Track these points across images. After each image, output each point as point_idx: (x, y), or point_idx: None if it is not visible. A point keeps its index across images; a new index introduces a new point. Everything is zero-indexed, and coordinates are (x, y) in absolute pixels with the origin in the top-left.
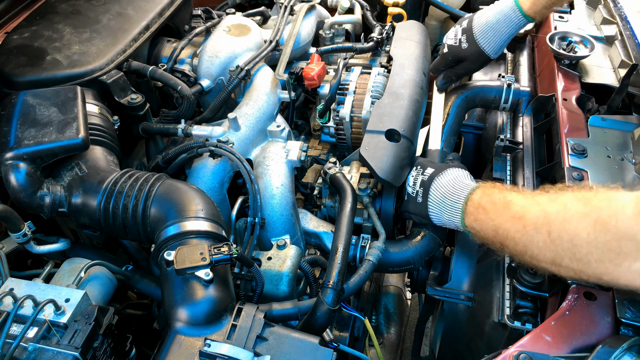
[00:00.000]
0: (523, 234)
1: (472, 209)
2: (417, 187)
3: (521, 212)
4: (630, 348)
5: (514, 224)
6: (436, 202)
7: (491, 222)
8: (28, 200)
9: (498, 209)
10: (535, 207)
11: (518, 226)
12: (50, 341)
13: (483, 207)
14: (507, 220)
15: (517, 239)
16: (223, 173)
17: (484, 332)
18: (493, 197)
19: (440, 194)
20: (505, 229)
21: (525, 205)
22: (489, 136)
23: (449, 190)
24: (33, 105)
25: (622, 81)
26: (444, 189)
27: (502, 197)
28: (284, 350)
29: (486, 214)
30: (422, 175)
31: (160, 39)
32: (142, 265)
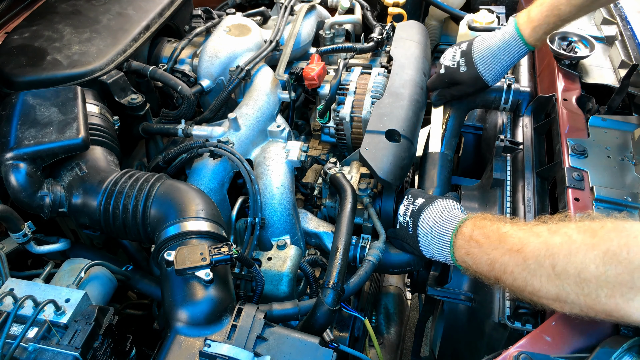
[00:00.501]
0: (523, 268)
1: (463, 243)
2: (407, 218)
3: (519, 244)
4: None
5: (512, 257)
6: (425, 234)
7: (486, 256)
8: (28, 200)
9: (492, 242)
10: (534, 239)
11: (517, 260)
12: (51, 341)
13: (475, 240)
14: (504, 253)
15: (516, 273)
16: (223, 173)
17: (484, 332)
18: (486, 229)
19: (428, 225)
20: (503, 263)
21: (523, 237)
22: (489, 136)
23: (437, 222)
24: (33, 105)
25: (622, 81)
26: (432, 221)
27: (496, 229)
28: (284, 351)
29: (479, 248)
30: (413, 205)
31: (161, 39)
32: (142, 265)
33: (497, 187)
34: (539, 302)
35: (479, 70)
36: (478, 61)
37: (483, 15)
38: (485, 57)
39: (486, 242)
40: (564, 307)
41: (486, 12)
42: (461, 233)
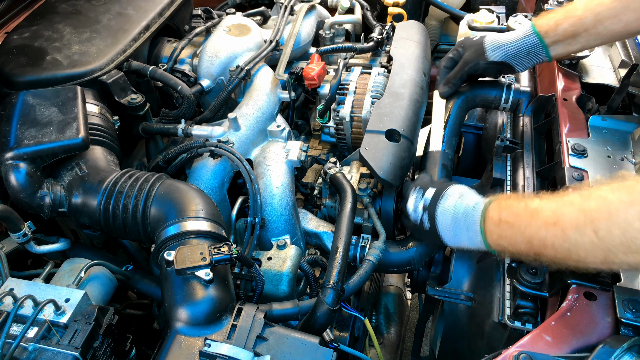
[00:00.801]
0: (564, 239)
1: (493, 227)
2: (420, 213)
3: (554, 217)
4: (630, 348)
5: (549, 231)
6: (447, 226)
7: (521, 235)
8: (28, 200)
9: (524, 220)
10: (569, 209)
11: (555, 232)
12: (50, 341)
13: (506, 221)
14: (540, 228)
15: (557, 246)
16: (223, 173)
17: (484, 332)
18: (514, 208)
19: (450, 217)
20: (541, 239)
21: (556, 209)
22: (489, 136)
23: (459, 213)
24: (33, 105)
25: (622, 81)
26: (452, 212)
27: (525, 206)
28: (284, 350)
29: (512, 228)
30: (423, 199)
31: (161, 39)
32: (142, 265)
33: (497, 186)
34: (586, 267)
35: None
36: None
37: (483, 15)
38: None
39: (517, 221)
40: (613, 267)
41: (486, 12)
42: (489, 218)
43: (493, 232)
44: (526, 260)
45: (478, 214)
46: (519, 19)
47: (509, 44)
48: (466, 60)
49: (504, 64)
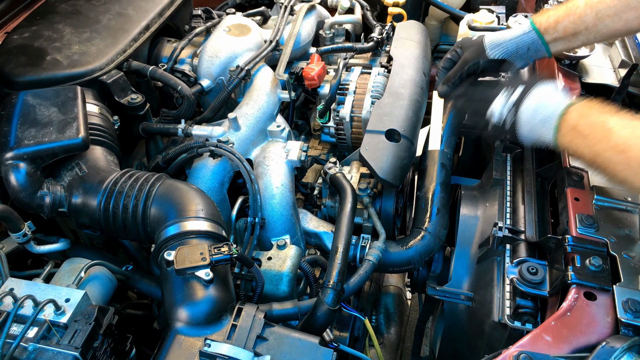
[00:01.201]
0: (625, 167)
1: (567, 131)
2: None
3: (623, 145)
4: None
5: (615, 155)
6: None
7: (588, 148)
8: (28, 200)
9: (597, 136)
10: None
11: (620, 159)
12: (51, 341)
13: (579, 130)
14: (607, 150)
15: (617, 171)
16: (223, 173)
17: (484, 332)
18: (591, 119)
19: (531, 112)
20: (606, 159)
21: (628, 138)
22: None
23: (540, 107)
24: (33, 105)
25: (622, 81)
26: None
27: (602, 123)
28: (284, 350)
29: (583, 139)
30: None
31: (161, 39)
32: (142, 265)
33: (497, 186)
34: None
35: None
36: None
37: (483, 15)
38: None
39: (590, 134)
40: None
41: (486, 12)
42: (566, 121)
43: (565, 134)
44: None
45: (557, 113)
46: (519, 19)
47: (508, 41)
48: (466, 60)
49: (504, 62)
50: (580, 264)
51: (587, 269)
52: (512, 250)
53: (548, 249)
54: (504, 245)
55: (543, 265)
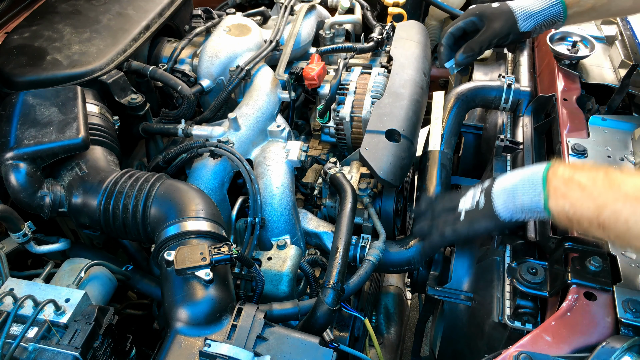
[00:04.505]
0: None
1: (560, 184)
2: (478, 196)
3: (637, 192)
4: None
5: (628, 205)
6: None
7: (592, 201)
8: (28, 200)
9: (601, 187)
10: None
11: (636, 208)
12: (51, 341)
13: (578, 182)
14: (618, 200)
15: (631, 222)
16: (223, 173)
17: (484, 332)
18: (589, 172)
19: (507, 181)
20: (616, 211)
21: None
22: (489, 136)
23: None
24: (33, 105)
25: (622, 81)
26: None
27: (604, 175)
28: (284, 350)
29: (582, 191)
30: (482, 185)
31: (161, 39)
32: (142, 265)
33: None
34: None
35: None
36: None
37: None
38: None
39: (592, 185)
40: None
41: None
42: (556, 174)
43: (558, 189)
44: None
45: (542, 168)
46: None
47: (538, 13)
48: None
49: (527, 33)
50: (580, 264)
51: (587, 269)
52: (512, 250)
53: (548, 249)
54: (504, 245)
55: (543, 265)
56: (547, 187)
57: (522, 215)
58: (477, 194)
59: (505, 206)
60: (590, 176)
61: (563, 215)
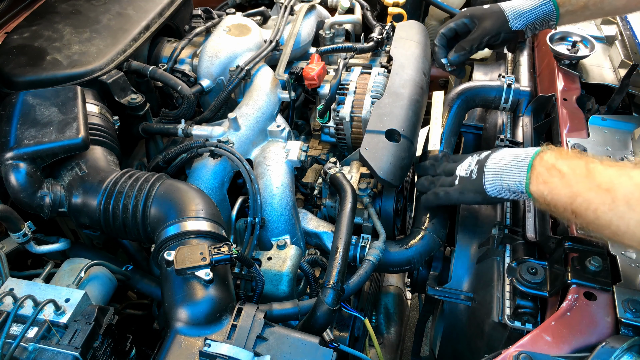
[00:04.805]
0: (610, 208)
1: (543, 170)
2: (473, 166)
3: (609, 183)
4: (630, 348)
5: (599, 195)
6: (494, 169)
7: (568, 188)
8: (28, 200)
9: (578, 175)
10: (627, 181)
11: (604, 199)
12: (50, 341)
13: (559, 170)
14: (590, 189)
15: (600, 212)
16: (223, 173)
17: (484, 332)
18: (571, 161)
19: (499, 160)
20: (587, 200)
21: (614, 176)
22: (489, 136)
23: (510, 155)
24: (33, 105)
25: (622, 81)
26: (503, 156)
27: (584, 164)
28: (284, 350)
29: (561, 178)
30: (479, 156)
31: (160, 39)
32: (142, 265)
33: None
34: (618, 242)
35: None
36: None
37: None
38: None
39: (571, 173)
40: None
41: None
42: (542, 159)
43: (540, 174)
44: (555, 215)
45: (532, 153)
46: None
47: (529, 12)
48: (486, 31)
49: (520, 32)
50: (580, 264)
51: (587, 269)
52: (512, 250)
53: (548, 249)
54: (504, 245)
55: (543, 265)
56: (531, 172)
57: (507, 194)
58: (472, 164)
59: (493, 185)
60: (572, 164)
61: (542, 200)
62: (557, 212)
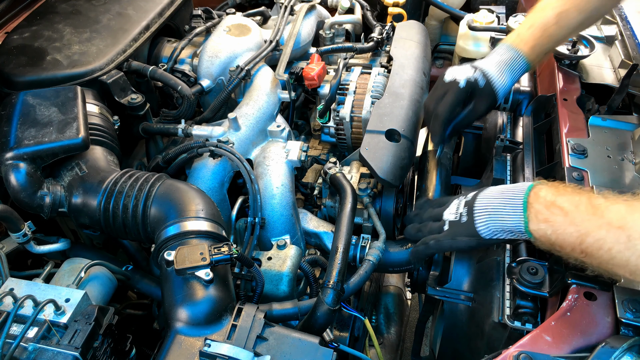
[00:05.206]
0: (627, 247)
1: (542, 208)
2: (461, 209)
3: (621, 220)
4: (630, 348)
5: (611, 233)
6: (485, 209)
7: (574, 227)
8: (28, 200)
9: (583, 213)
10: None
11: (619, 237)
12: (50, 341)
13: (560, 207)
14: (600, 227)
15: (614, 251)
16: (223, 173)
17: (484, 332)
18: (571, 197)
19: (489, 200)
20: (598, 239)
21: (625, 213)
22: (489, 136)
23: (500, 193)
24: (33, 105)
25: (622, 81)
26: (491, 194)
27: (586, 200)
28: (284, 350)
29: (565, 216)
30: (465, 197)
31: (161, 39)
32: (142, 265)
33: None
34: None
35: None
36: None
37: (483, 15)
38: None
39: (574, 211)
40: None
41: (486, 12)
42: (538, 196)
43: (540, 213)
44: (564, 256)
45: (523, 190)
46: (519, 19)
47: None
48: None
49: None
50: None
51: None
52: (512, 250)
53: None
54: (504, 245)
55: (543, 265)
56: (528, 210)
57: (503, 234)
58: (460, 206)
59: (487, 226)
60: (573, 201)
61: (545, 240)
62: (563, 252)
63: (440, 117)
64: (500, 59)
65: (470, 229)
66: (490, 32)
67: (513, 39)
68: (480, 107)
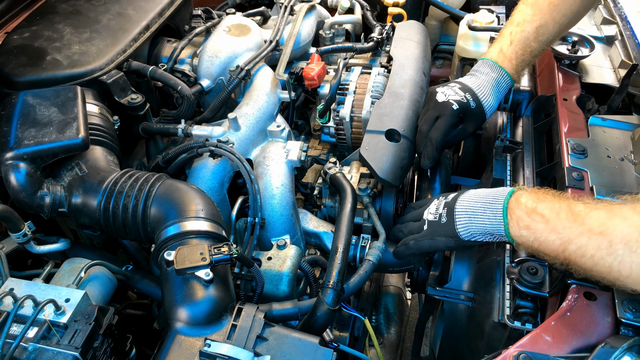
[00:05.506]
0: (608, 252)
1: (522, 214)
2: (441, 210)
3: (601, 226)
4: (630, 348)
5: (593, 240)
6: (465, 211)
7: (555, 234)
8: (28, 200)
9: (564, 220)
10: (620, 222)
11: (600, 243)
12: (50, 341)
13: (540, 214)
14: (582, 234)
15: (597, 258)
16: (223, 173)
17: (484, 332)
18: (551, 203)
19: (469, 202)
20: (580, 246)
21: (605, 218)
22: (489, 136)
23: (480, 196)
24: (33, 105)
25: (622, 81)
26: (472, 197)
27: (568, 207)
28: (284, 350)
29: (546, 224)
30: (445, 199)
31: (160, 39)
32: (142, 265)
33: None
34: (621, 286)
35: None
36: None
37: (483, 15)
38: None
39: (555, 218)
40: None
41: (486, 12)
42: (519, 202)
43: (521, 219)
44: (548, 261)
45: (504, 195)
46: None
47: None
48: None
49: None
50: None
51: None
52: (512, 250)
53: None
54: (504, 245)
55: (543, 265)
56: (509, 216)
57: (482, 237)
58: (440, 207)
59: (466, 228)
60: (554, 208)
61: (528, 246)
62: (548, 258)
63: (434, 141)
64: (488, 79)
65: (449, 230)
66: (490, 32)
67: (496, 56)
68: (470, 127)
